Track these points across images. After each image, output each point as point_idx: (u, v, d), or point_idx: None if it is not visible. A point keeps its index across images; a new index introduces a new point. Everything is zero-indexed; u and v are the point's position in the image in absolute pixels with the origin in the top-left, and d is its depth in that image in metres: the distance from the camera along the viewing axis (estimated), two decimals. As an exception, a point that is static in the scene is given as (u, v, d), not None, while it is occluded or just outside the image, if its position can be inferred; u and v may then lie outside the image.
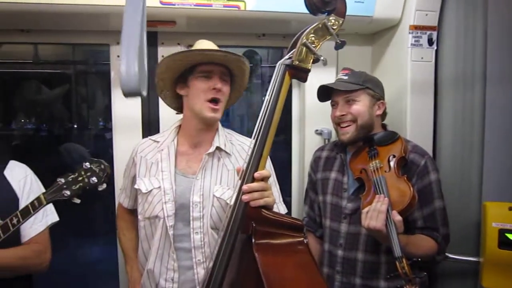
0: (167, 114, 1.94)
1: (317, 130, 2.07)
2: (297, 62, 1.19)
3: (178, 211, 1.47)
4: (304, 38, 1.19)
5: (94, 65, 2.92)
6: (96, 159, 1.32)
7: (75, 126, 3.33)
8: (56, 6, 1.61)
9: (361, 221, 1.41)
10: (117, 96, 1.97)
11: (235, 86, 1.61)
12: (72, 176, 1.29)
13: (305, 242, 1.19)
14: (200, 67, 1.49)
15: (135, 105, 1.96)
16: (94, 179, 1.29)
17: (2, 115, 2.88)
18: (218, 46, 1.58)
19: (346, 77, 1.68)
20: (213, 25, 1.90)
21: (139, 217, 1.55)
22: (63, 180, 1.28)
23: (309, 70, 1.22)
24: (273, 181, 1.58)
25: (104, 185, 1.32)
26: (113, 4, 1.61)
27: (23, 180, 1.51)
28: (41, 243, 1.48)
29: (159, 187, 1.48)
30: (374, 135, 1.65)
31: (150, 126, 1.99)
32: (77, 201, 1.30)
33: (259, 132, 1.20)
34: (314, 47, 1.19)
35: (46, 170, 1.66)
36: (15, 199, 1.47)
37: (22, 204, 1.45)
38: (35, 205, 1.26)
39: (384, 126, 1.75)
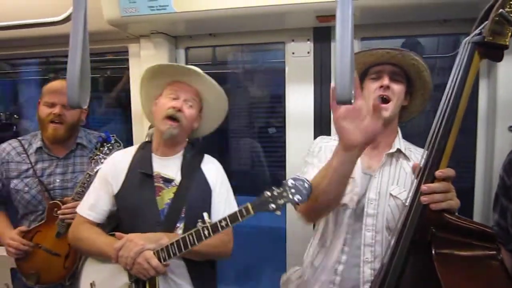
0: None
1: (511, 127, 1.79)
2: (490, 38, 1.02)
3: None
4: (500, 6, 0.99)
5: (264, 63, 3.08)
6: (300, 177, 1.33)
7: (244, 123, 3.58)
8: (240, 10, 1.73)
9: None
10: (291, 92, 2.03)
11: (415, 90, 1.53)
12: (278, 191, 1.33)
13: (500, 257, 1.01)
14: (371, 68, 1.49)
15: (307, 101, 2.00)
16: (299, 197, 1.30)
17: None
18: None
19: None
20: (390, 14, 1.80)
21: None
22: (269, 194, 1.34)
23: (506, 47, 1.03)
24: None
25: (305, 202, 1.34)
26: (288, 3, 1.67)
27: (215, 174, 1.66)
28: (227, 234, 1.57)
29: None
30: None
31: (321, 121, 2.00)
32: (278, 213, 1.34)
33: (441, 123, 1.07)
34: (513, 17, 0.98)
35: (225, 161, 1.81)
36: (209, 190, 1.62)
37: (214, 195, 1.61)
38: (243, 213, 1.35)
39: None
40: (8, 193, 1.95)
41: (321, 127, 1.99)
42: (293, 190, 1.32)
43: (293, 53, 2.01)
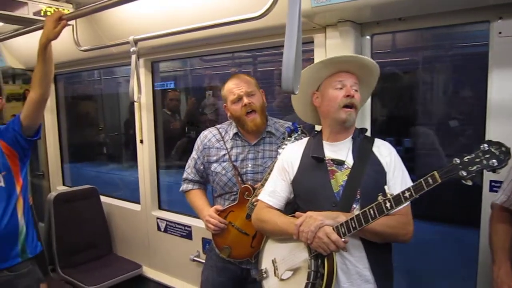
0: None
1: None
2: None
3: None
4: None
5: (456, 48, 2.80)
6: (495, 141, 1.22)
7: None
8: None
9: None
10: (495, 78, 1.76)
11: None
12: (469, 157, 1.23)
13: None
14: None
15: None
16: (494, 161, 1.19)
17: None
18: None
19: None
20: None
21: None
22: (458, 160, 1.24)
23: None
24: None
25: (501, 171, 1.20)
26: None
27: (388, 156, 1.63)
28: (405, 215, 1.54)
29: None
30: None
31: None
32: (469, 183, 1.23)
33: None
34: None
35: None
36: (383, 171, 1.60)
37: (389, 177, 1.58)
38: (429, 182, 1.28)
39: None
40: (207, 175, 2.21)
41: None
42: (487, 155, 1.20)
43: (500, 32, 1.73)
